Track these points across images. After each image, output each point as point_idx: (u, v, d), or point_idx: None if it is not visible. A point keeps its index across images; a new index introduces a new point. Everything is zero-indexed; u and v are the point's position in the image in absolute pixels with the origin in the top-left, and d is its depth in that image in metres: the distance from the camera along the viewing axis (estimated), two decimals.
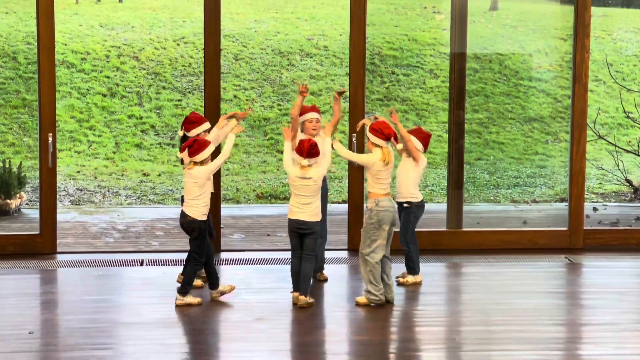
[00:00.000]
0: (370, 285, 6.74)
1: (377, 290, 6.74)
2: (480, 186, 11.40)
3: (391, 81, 13.03)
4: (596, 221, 9.44)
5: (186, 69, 13.23)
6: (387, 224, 6.74)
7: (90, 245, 8.54)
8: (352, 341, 6.19)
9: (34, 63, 12.40)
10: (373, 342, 6.15)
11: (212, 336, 6.25)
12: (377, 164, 6.71)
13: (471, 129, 12.28)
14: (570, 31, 8.56)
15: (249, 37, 13.73)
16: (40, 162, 8.03)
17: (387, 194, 6.79)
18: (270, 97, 13.01)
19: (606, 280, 7.60)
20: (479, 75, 12.96)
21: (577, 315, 6.79)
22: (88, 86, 12.86)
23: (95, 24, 13.86)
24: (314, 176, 6.62)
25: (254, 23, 14.16)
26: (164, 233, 9.01)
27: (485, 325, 6.47)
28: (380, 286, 6.75)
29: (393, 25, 13.81)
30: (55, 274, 7.69)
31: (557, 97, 12.80)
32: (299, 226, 6.67)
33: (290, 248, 6.80)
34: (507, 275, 7.69)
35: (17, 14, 13.49)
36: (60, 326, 6.40)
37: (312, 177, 6.62)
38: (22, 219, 9.54)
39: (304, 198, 6.63)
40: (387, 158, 6.73)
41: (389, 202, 6.78)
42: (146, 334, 6.21)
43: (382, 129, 6.72)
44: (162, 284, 7.30)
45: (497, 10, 13.90)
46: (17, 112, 12.29)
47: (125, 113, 12.66)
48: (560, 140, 12.33)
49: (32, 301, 6.97)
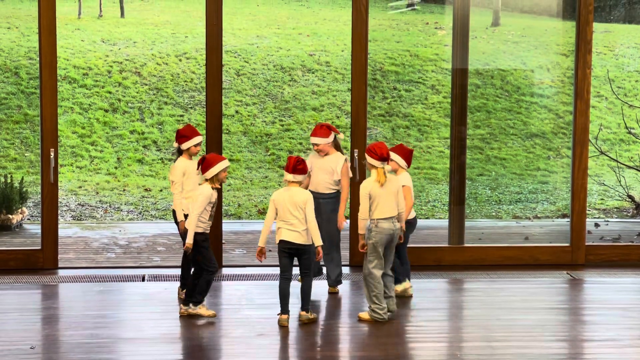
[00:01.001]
0: (374, 304, 6.73)
1: (380, 310, 6.74)
2: (482, 202, 11.39)
3: (393, 97, 13.05)
4: (598, 237, 9.42)
5: (188, 84, 13.26)
6: (382, 246, 6.71)
7: (91, 261, 8.53)
8: (354, 357, 6.17)
9: (36, 78, 12.44)
10: (374, 358, 6.13)
11: (214, 352, 6.23)
12: (373, 188, 6.69)
13: (473, 145, 12.29)
14: (572, 47, 8.58)
15: (250, 53, 13.77)
16: (42, 177, 8.03)
17: (389, 217, 6.74)
18: (272, 112, 13.02)
19: (608, 297, 7.58)
20: (481, 91, 12.98)
21: (579, 331, 6.77)
22: (90, 101, 12.89)
23: (97, 40, 13.91)
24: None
25: (256, 39, 14.20)
26: (166, 248, 9.00)
27: (487, 341, 6.45)
28: (383, 305, 6.73)
29: (395, 41, 13.85)
30: (56, 289, 7.68)
31: (559, 113, 12.82)
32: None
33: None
34: (509, 291, 7.67)
35: (19, 29, 13.54)
36: (61, 341, 6.39)
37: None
38: (24, 234, 9.54)
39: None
40: (382, 179, 6.67)
41: (389, 224, 6.73)
42: (147, 350, 6.19)
43: (376, 150, 6.71)
44: (163, 300, 7.29)
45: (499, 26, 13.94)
46: (19, 127, 12.32)
47: (127, 128, 12.68)
48: (562, 156, 12.33)
49: (33, 316, 6.95)
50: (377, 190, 6.69)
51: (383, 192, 6.70)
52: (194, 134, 7.13)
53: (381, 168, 6.70)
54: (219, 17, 8.06)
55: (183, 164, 7.11)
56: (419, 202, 11.41)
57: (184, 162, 7.11)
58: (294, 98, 13.16)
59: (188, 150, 7.13)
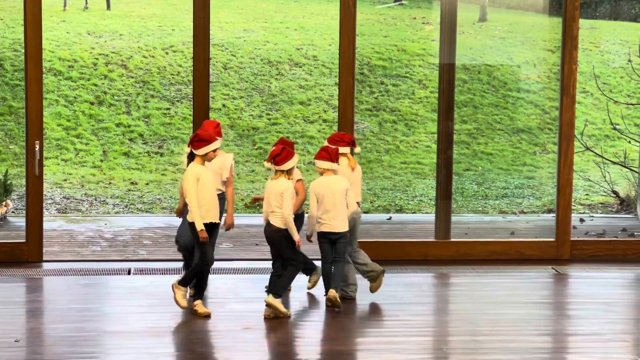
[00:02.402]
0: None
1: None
2: (468, 197, 11.42)
3: (380, 91, 13.06)
4: (583, 232, 9.47)
5: (175, 77, 13.21)
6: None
7: (76, 254, 8.49)
8: (333, 350, 6.18)
9: (21, 70, 12.36)
10: (359, 350, 6.14)
11: (200, 346, 6.22)
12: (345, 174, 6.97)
13: (460, 140, 12.32)
14: (558, 43, 8.62)
15: (238, 46, 13.74)
16: (27, 169, 7.99)
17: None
18: (259, 106, 13.00)
19: (593, 291, 7.62)
20: (468, 86, 13.00)
21: (564, 325, 6.80)
22: (75, 94, 12.82)
23: (83, 32, 13.84)
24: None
25: (243, 32, 14.17)
26: (152, 242, 8.97)
27: (473, 335, 6.48)
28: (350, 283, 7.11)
29: (382, 36, 13.86)
30: (41, 283, 7.64)
31: (545, 109, 12.86)
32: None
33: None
34: (494, 286, 7.70)
35: (4, 20, 13.44)
36: (46, 335, 6.36)
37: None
38: (8, 227, 9.48)
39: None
40: (352, 163, 7.07)
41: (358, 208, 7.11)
42: (133, 343, 6.17)
43: (342, 137, 7.05)
44: (149, 293, 7.27)
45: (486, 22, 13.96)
46: (4, 119, 12.24)
47: (113, 121, 12.62)
48: (548, 151, 12.38)
49: (18, 309, 6.92)
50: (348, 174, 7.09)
51: (354, 179, 7.13)
52: (212, 138, 6.62)
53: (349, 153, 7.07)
54: (206, 10, 8.03)
55: (197, 170, 6.58)
56: (406, 197, 11.44)
57: (198, 168, 6.60)
58: (281, 92, 13.14)
59: (205, 156, 6.62)
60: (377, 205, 11.10)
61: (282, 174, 6.69)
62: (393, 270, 7.96)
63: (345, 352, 6.17)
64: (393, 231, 9.73)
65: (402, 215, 10.79)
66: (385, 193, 11.54)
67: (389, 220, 10.23)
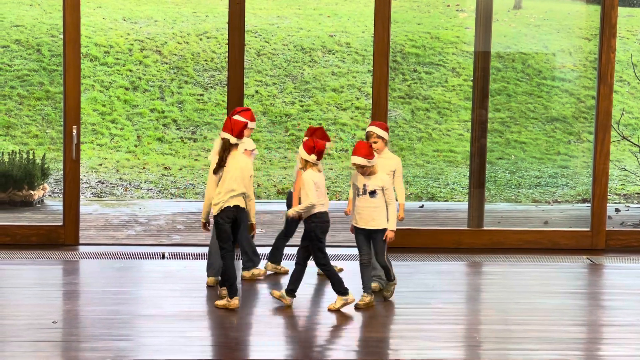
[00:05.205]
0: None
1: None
2: (501, 185, 11.36)
3: (413, 79, 13.00)
4: (618, 222, 9.38)
5: (208, 63, 13.27)
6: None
7: (112, 238, 8.59)
8: (367, 337, 6.20)
9: (58, 55, 12.49)
10: (392, 338, 6.15)
11: (233, 330, 6.27)
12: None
13: (493, 128, 12.24)
14: (595, 31, 8.51)
15: (271, 33, 13.75)
16: (65, 154, 8.08)
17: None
18: (292, 93, 13.01)
19: (628, 282, 7.55)
20: (502, 74, 12.90)
21: (598, 316, 6.76)
22: (111, 79, 12.93)
23: (118, 18, 13.93)
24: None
25: (277, 19, 14.17)
26: (185, 227, 9.05)
27: (505, 324, 6.46)
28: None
29: (416, 23, 13.78)
30: (77, 265, 7.75)
31: (580, 97, 12.73)
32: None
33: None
34: (527, 275, 7.66)
35: (42, 6, 13.57)
36: (82, 317, 6.45)
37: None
38: (45, 210, 9.61)
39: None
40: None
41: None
42: (167, 327, 6.24)
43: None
44: (183, 277, 7.34)
45: (521, 9, 13.83)
46: (41, 104, 12.38)
47: (147, 107, 12.71)
48: (583, 140, 12.26)
49: (55, 292, 7.02)
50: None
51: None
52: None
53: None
54: None
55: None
56: (438, 185, 11.40)
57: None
58: (314, 79, 13.13)
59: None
60: (409, 193, 11.08)
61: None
62: (425, 258, 7.96)
63: (379, 339, 6.18)
64: (425, 219, 9.71)
65: (435, 203, 10.76)
66: (418, 181, 11.52)
67: (421, 207, 10.21)
